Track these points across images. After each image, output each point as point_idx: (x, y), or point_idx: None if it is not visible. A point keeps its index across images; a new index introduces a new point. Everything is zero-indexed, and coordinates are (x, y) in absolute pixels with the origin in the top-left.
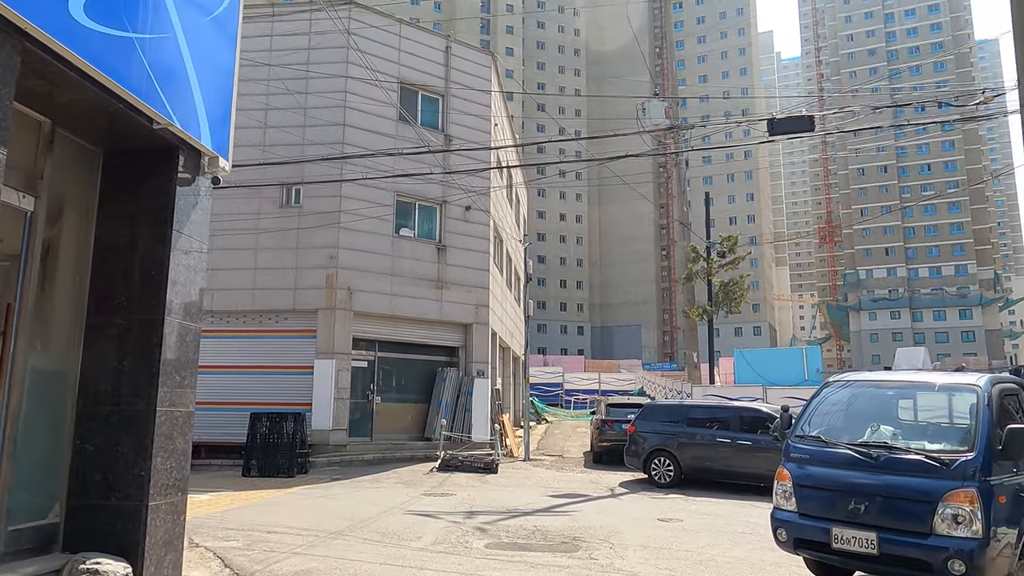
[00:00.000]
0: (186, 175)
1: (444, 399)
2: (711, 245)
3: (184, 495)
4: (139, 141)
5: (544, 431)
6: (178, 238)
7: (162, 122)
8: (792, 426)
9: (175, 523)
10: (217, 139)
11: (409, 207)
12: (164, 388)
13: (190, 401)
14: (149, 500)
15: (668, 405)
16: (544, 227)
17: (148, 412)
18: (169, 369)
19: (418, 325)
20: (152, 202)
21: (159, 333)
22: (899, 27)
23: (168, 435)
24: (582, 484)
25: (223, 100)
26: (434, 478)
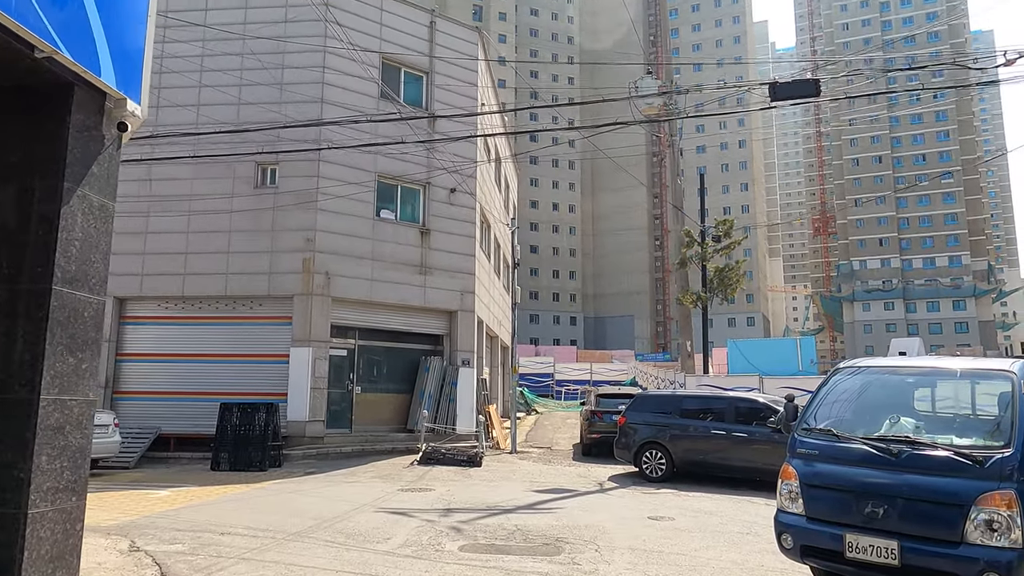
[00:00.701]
0: (83, 118)
1: (427, 389)
2: (706, 229)
3: (81, 499)
4: (20, 75)
5: (533, 422)
6: (73, 193)
7: (46, 50)
8: (798, 418)
9: (68, 534)
10: (124, 77)
11: (391, 189)
12: (52, 372)
13: (89, 389)
14: (30, 507)
15: (660, 395)
16: (537, 216)
17: (30, 401)
18: (60, 350)
19: (400, 312)
20: (40, 150)
21: (45, 306)
22: (895, 16)
23: (58, 429)
24: (570, 478)
25: (132, 31)
26: (414, 472)
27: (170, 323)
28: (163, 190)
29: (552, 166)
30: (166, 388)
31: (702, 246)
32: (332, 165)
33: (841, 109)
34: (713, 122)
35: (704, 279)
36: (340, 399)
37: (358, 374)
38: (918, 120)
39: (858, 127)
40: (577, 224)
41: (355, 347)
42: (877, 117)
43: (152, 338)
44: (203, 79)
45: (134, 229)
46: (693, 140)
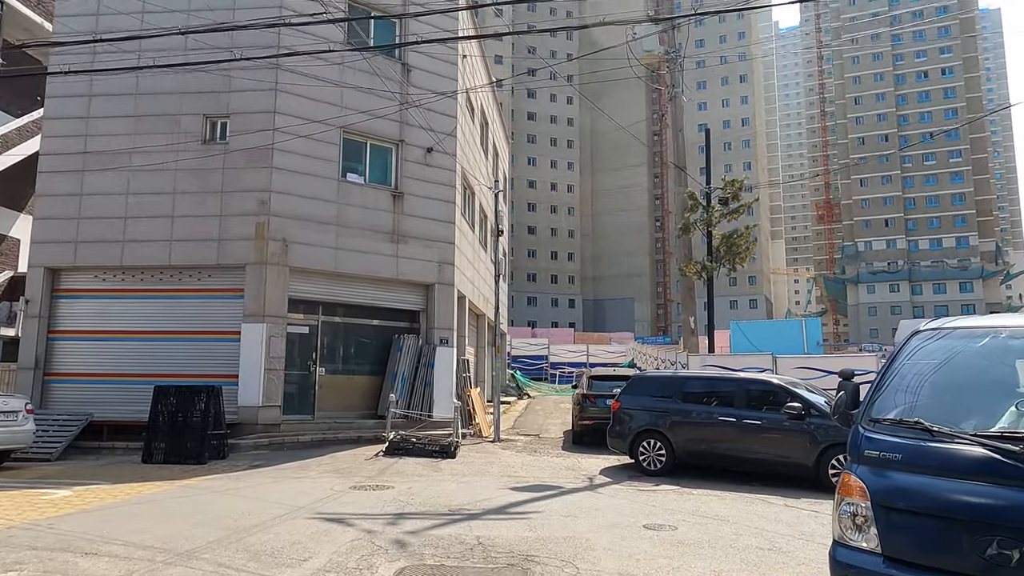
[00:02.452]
0: None
1: (401, 371)
2: (711, 191)
3: None
4: None
5: (524, 407)
6: None
7: None
8: (863, 404)
9: None
10: None
11: (359, 147)
12: None
13: None
14: None
15: (659, 377)
16: (534, 196)
17: None
18: None
19: (370, 284)
20: None
21: None
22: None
23: None
24: (555, 472)
25: None
26: (376, 464)
27: (108, 296)
28: (99, 146)
29: (551, 145)
30: (103, 369)
31: (707, 210)
32: (290, 119)
33: (847, 86)
34: (716, 100)
35: (709, 246)
36: (300, 382)
37: (322, 354)
38: (925, 98)
39: (864, 105)
40: (576, 204)
41: (318, 324)
42: (883, 96)
43: (88, 313)
44: (144, 21)
45: (67, 190)
46: (694, 117)
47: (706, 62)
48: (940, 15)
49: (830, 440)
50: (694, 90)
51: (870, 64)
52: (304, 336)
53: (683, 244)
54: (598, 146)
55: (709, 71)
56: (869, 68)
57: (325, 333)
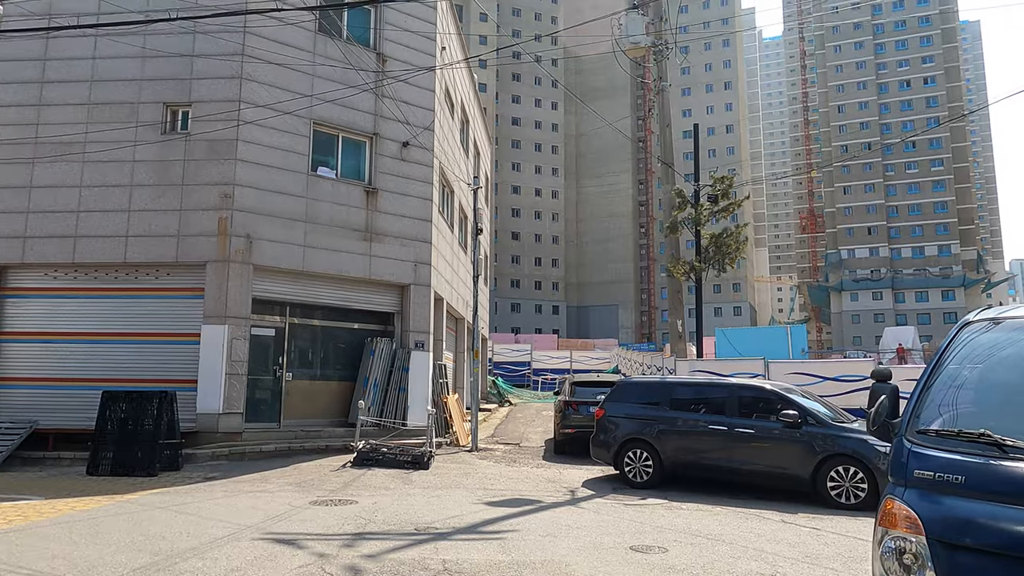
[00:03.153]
0: None
1: (373, 376)
2: (699, 188)
3: None
4: None
5: (505, 415)
6: None
7: None
8: (905, 412)
9: None
10: None
11: (330, 140)
12: None
13: None
14: None
15: (646, 382)
16: (518, 202)
17: None
18: None
19: (341, 285)
20: None
21: None
22: (886, 18)
23: None
24: (535, 484)
25: None
26: (342, 476)
27: (59, 296)
28: (53, 134)
29: (535, 150)
30: (52, 374)
31: (696, 208)
32: (257, 109)
33: (830, 95)
34: (701, 106)
35: (698, 246)
36: (265, 388)
37: (289, 358)
38: (908, 107)
39: (847, 114)
40: (560, 210)
41: (285, 326)
42: (866, 104)
43: (37, 314)
44: (101, 5)
45: (17, 182)
46: (679, 123)
47: (691, 70)
48: (923, 26)
49: (829, 450)
50: (678, 96)
51: (853, 73)
52: (270, 339)
53: (671, 244)
54: (583, 152)
55: (694, 78)
56: (852, 77)
57: (293, 336)
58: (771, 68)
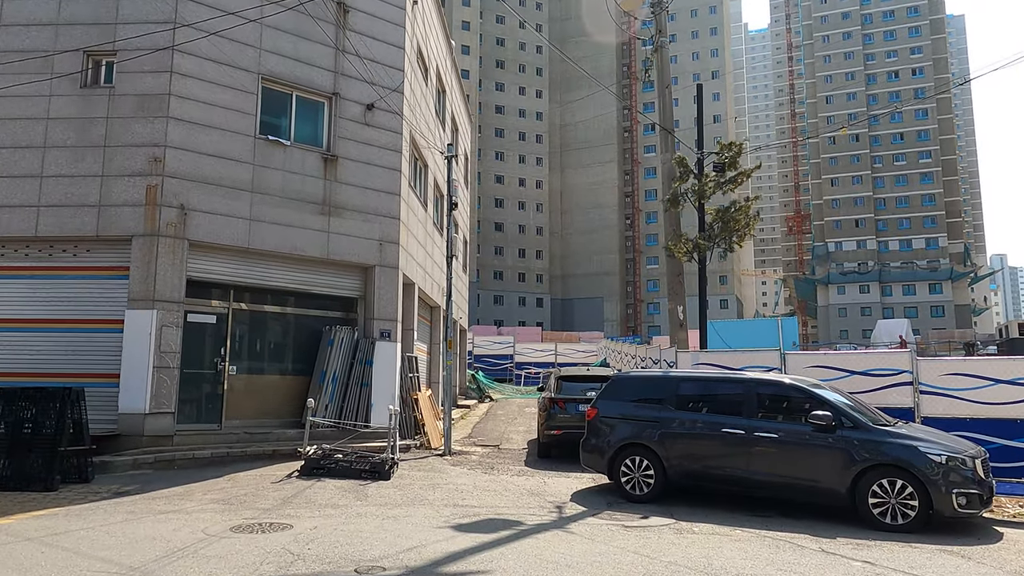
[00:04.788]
0: None
1: (331, 370)
2: (703, 156)
3: None
4: None
5: (485, 412)
6: None
7: None
8: None
9: None
10: None
11: (282, 99)
12: None
13: None
14: None
15: (647, 378)
16: (502, 192)
17: None
18: None
19: (295, 265)
20: None
21: None
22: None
23: None
24: (515, 499)
25: None
26: (284, 489)
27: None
28: None
29: (519, 139)
30: None
31: (699, 178)
32: (195, 59)
33: (818, 85)
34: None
35: (701, 221)
36: (204, 383)
37: (233, 349)
38: (896, 98)
39: (835, 104)
40: (545, 201)
41: (228, 312)
42: (854, 95)
43: None
44: None
45: None
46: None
47: (678, 58)
48: (911, 16)
49: (870, 459)
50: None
51: (841, 63)
52: (210, 327)
53: (670, 219)
54: (568, 142)
55: (681, 67)
56: (840, 67)
57: (238, 323)
58: (757, 61)
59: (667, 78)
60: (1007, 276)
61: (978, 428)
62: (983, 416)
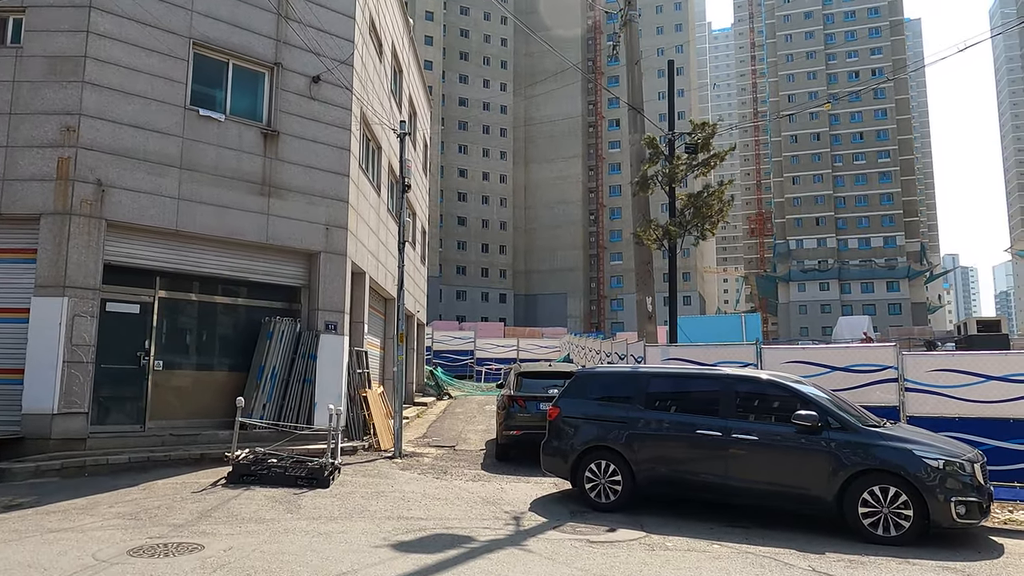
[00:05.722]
0: None
1: (270, 364)
2: (673, 137)
3: None
4: None
5: (443, 410)
6: None
7: None
8: None
9: None
10: None
11: (217, 67)
12: None
13: None
14: None
15: (614, 374)
16: (465, 186)
17: None
18: None
19: (231, 250)
20: None
21: None
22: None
23: None
24: (468, 508)
25: None
26: (204, 501)
27: None
28: None
29: (483, 132)
30: None
31: (670, 160)
32: (116, 18)
33: (780, 84)
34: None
35: (672, 206)
36: (124, 380)
37: (159, 342)
38: (856, 98)
39: (797, 104)
40: (509, 196)
41: (154, 301)
42: (816, 94)
43: None
44: None
45: None
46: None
47: (643, 53)
48: (872, 17)
49: (860, 464)
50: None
51: (804, 62)
52: (132, 317)
53: (639, 204)
54: (532, 136)
55: (645, 62)
56: (803, 66)
57: (165, 314)
58: (720, 60)
59: (635, 54)
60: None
61: (968, 428)
62: (974, 415)
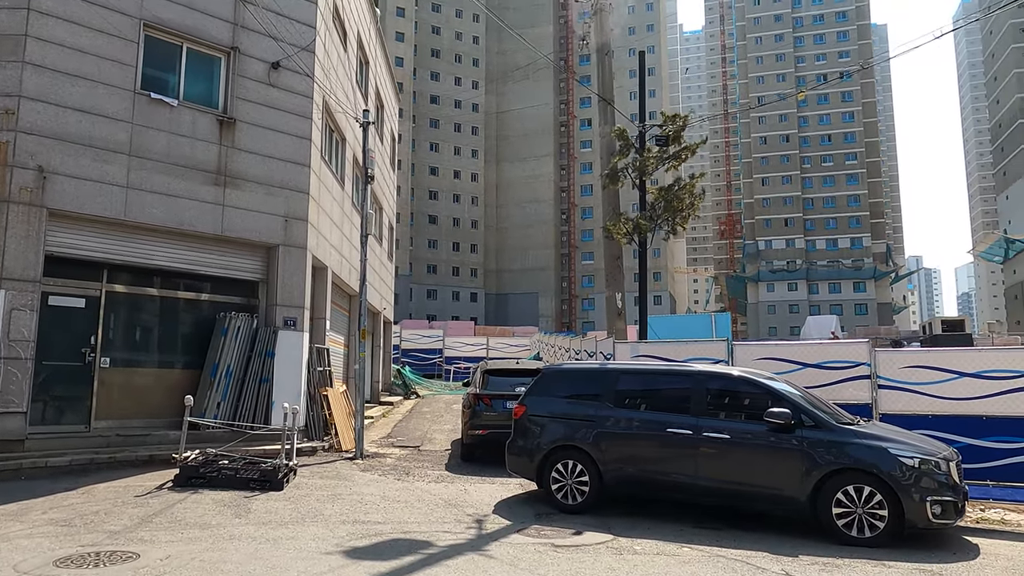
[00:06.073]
0: None
1: (225, 362)
2: (644, 129)
3: None
4: None
5: (409, 409)
6: None
7: None
8: None
9: None
10: None
11: (170, 51)
12: None
13: None
14: None
15: (582, 371)
16: (436, 184)
17: None
18: None
19: (184, 242)
20: None
21: None
22: (805, 12)
23: None
24: (428, 512)
25: None
26: (146, 506)
27: None
28: None
29: (454, 130)
30: None
31: (640, 152)
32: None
33: (750, 86)
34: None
35: (642, 200)
36: (68, 378)
37: (106, 337)
38: (825, 100)
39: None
40: (480, 194)
41: (100, 294)
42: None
43: None
44: None
45: None
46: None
47: (616, 53)
48: (840, 21)
49: (834, 463)
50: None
51: (773, 64)
52: (77, 312)
53: (609, 198)
54: (504, 135)
55: (617, 62)
56: (772, 68)
57: (113, 308)
58: (691, 62)
59: (606, 44)
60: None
61: (941, 426)
62: (947, 413)
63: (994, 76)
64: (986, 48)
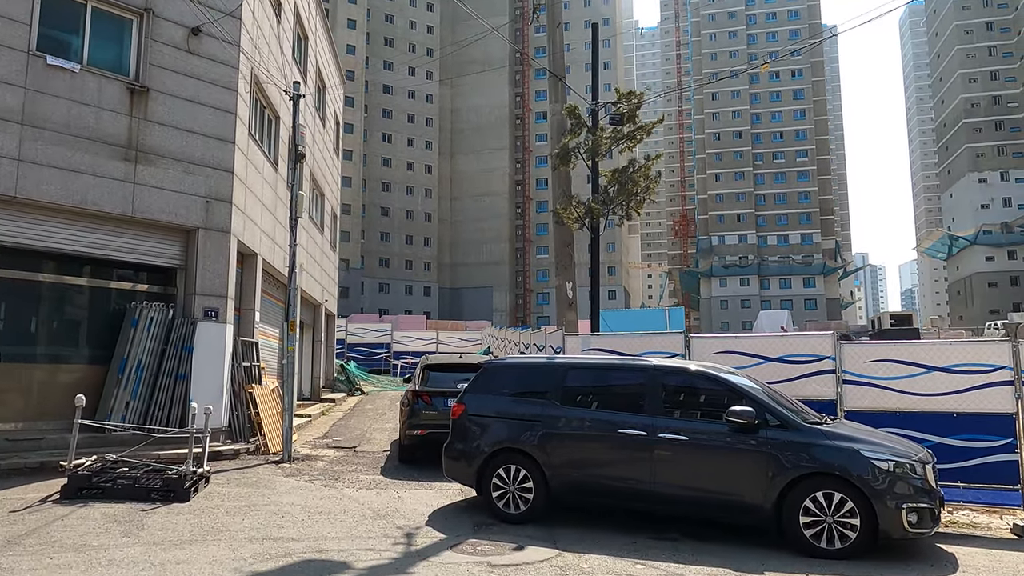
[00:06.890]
0: None
1: (135, 357)
2: (597, 107)
3: None
4: None
5: (351, 407)
6: None
7: None
8: None
9: None
10: None
11: (73, 9)
12: None
13: None
14: None
15: (525, 365)
16: (389, 176)
17: None
18: None
19: (88, 224)
20: None
21: None
22: (759, 10)
23: None
24: (352, 525)
25: None
26: (19, 524)
27: None
28: None
29: (408, 121)
30: None
31: (593, 131)
32: None
33: (705, 84)
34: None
35: (595, 183)
36: None
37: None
38: (777, 98)
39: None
40: (434, 187)
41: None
42: (738, 93)
43: None
44: None
45: None
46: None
47: (571, 47)
48: (792, 19)
49: (802, 467)
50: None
51: (727, 61)
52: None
53: (560, 179)
54: (459, 127)
55: (574, 55)
56: (726, 64)
57: (2, 296)
58: (647, 58)
59: (558, 17)
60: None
61: (909, 423)
62: (915, 410)
63: (939, 77)
64: (932, 49)
